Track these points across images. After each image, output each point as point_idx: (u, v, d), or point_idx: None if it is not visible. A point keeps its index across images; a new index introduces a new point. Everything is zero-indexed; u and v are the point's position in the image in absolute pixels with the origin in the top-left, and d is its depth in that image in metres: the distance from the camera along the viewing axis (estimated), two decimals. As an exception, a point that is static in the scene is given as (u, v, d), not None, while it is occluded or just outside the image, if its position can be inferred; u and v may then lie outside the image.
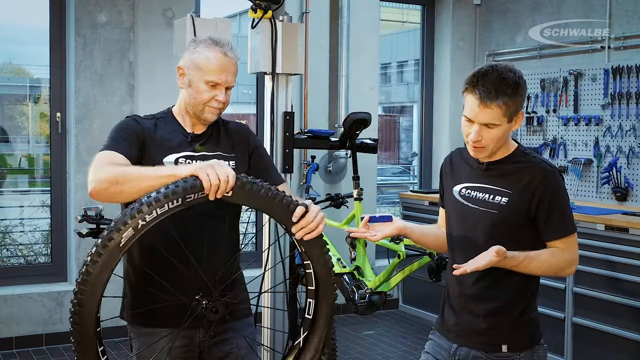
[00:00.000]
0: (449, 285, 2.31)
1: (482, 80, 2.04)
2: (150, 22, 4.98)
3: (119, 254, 1.66)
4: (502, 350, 2.16)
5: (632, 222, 4.07)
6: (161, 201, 1.66)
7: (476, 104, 2.05)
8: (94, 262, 1.65)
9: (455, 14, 6.18)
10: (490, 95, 2.02)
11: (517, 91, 2.06)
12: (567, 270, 2.14)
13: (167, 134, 2.16)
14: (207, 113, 2.16)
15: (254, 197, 1.79)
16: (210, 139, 2.22)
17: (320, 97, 5.56)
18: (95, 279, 1.66)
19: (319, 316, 1.96)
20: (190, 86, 2.16)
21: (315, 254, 1.90)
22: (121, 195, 1.86)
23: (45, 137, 5.31)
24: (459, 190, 2.26)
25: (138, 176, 1.84)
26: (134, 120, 2.16)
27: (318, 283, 1.93)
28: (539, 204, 2.10)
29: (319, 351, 1.97)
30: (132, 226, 1.65)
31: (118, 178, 1.84)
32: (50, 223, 5.10)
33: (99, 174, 1.88)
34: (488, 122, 2.05)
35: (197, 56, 2.14)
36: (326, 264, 1.91)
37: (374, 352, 4.87)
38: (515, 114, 2.09)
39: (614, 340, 4.14)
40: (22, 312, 4.77)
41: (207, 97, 2.14)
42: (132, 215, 1.65)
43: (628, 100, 4.80)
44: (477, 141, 2.09)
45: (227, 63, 2.14)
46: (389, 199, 7.80)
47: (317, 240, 1.88)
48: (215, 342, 2.17)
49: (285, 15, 3.30)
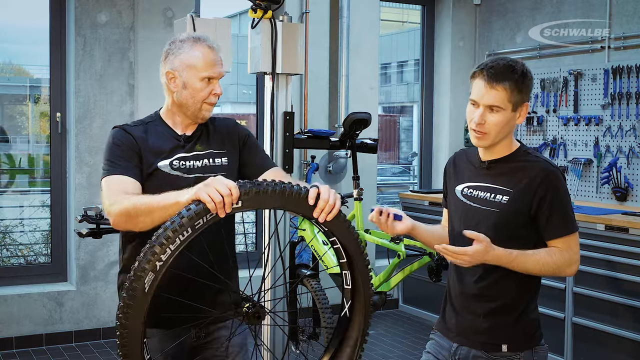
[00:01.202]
0: (449, 285, 2.32)
1: (490, 64, 2.11)
2: (150, 22, 4.98)
3: (147, 300, 1.67)
4: (502, 349, 2.16)
5: (632, 222, 4.07)
6: (171, 237, 1.66)
7: (483, 84, 2.10)
8: (126, 313, 1.67)
9: (455, 14, 6.18)
10: (498, 76, 2.08)
11: (524, 79, 2.11)
12: (567, 270, 2.13)
13: (158, 139, 2.16)
14: (204, 111, 2.17)
15: (263, 199, 1.76)
16: (202, 138, 2.22)
17: (320, 97, 5.56)
18: (131, 330, 1.68)
19: (357, 286, 1.98)
20: (185, 87, 2.15)
21: (339, 228, 1.89)
22: (138, 226, 1.91)
23: (45, 137, 5.31)
24: (461, 189, 2.27)
25: (147, 210, 1.86)
26: (124, 131, 2.14)
27: (349, 254, 1.94)
28: (540, 204, 2.11)
29: (366, 320, 2.00)
30: (150, 270, 1.65)
31: (131, 213, 1.90)
32: (50, 223, 5.10)
33: (114, 208, 1.94)
34: (493, 103, 2.09)
35: (185, 56, 2.14)
36: (352, 235, 1.91)
37: (374, 352, 4.87)
38: (520, 104, 2.12)
39: (614, 340, 4.14)
40: (22, 312, 4.77)
41: (205, 93, 2.15)
42: (148, 260, 1.65)
43: (628, 100, 4.80)
44: (480, 124, 2.11)
45: (215, 55, 2.17)
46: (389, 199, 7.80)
47: (337, 216, 1.86)
48: (207, 342, 2.19)
49: (285, 15, 3.30)
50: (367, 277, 1.97)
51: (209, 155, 2.19)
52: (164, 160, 2.12)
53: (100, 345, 4.88)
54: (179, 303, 1.99)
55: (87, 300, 4.94)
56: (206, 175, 2.09)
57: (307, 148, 5.19)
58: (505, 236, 2.12)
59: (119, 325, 1.67)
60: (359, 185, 4.27)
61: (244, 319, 1.91)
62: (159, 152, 2.13)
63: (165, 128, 2.20)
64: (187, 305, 2.00)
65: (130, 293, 1.65)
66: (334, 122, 5.52)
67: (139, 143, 2.11)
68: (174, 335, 2.13)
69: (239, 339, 2.22)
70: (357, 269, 1.95)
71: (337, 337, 2.02)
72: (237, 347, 2.23)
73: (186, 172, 2.14)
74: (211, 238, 2.01)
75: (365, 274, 1.96)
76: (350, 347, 2.00)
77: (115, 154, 2.09)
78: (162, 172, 2.11)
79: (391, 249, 4.01)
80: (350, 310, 2.00)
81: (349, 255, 1.94)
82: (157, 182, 2.06)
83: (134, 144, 2.11)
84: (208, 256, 2.01)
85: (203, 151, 2.19)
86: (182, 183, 1.95)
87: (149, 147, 2.12)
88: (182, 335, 2.14)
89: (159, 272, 1.65)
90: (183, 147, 2.17)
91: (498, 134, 2.12)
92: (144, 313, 1.67)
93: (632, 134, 4.77)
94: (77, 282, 4.92)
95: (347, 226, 1.90)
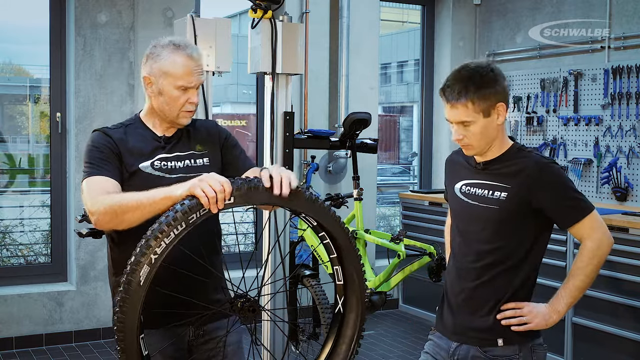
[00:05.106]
0: (447, 285, 2.33)
1: (448, 82, 2.13)
2: (150, 22, 4.98)
3: (143, 292, 1.70)
4: (498, 344, 2.17)
5: (632, 222, 4.07)
6: (166, 231, 1.68)
7: (445, 104, 2.15)
8: (122, 307, 1.69)
9: (455, 14, 6.18)
10: (453, 95, 2.11)
11: (484, 85, 2.10)
12: (604, 250, 2.14)
13: (138, 141, 2.16)
14: (181, 118, 2.16)
15: (254, 195, 1.78)
16: (182, 139, 2.22)
17: (320, 97, 5.56)
18: (129, 323, 1.70)
19: (349, 281, 1.98)
20: (161, 94, 2.14)
21: (329, 222, 1.89)
22: (123, 224, 1.90)
23: (45, 137, 5.31)
24: (459, 187, 2.30)
25: (135, 205, 1.85)
26: (104, 134, 2.15)
27: (339, 249, 1.94)
28: (542, 200, 2.12)
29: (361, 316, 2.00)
30: (146, 262, 1.68)
31: (116, 210, 1.88)
32: (50, 223, 5.11)
33: (97, 207, 1.92)
34: (460, 120, 2.12)
35: (162, 63, 2.12)
36: (342, 229, 1.92)
37: (374, 352, 4.87)
38: (491, 108, 2.12)
39: (614, 340, 4.14)
40: (22, 312, 4.77)
41: (181, 101, 2.13)
42: (143, 253, 1.68)
43: (628, 100, 4.80)
44: (459, 140, 2.16)
45: (194, 65, 2.13)
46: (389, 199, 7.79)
47: (325, 210, 1.87)
48: (204, 341, 2.20)
49: (285, 15, 3.30)
50: (359, 271, 1.97)
51: (190, 156, 2.20)
52: (145, 161, 2.13)
53: (100, 345, 4.88)
54: (173, 300, 2.00)
55: (87, 300, 4.94)
56: (188, 175, 2.10)
57: (307, 148, 5.19)
58: (506, 232, 2.15)
59: (116, 319, 1.70)
60: (359, 185, 4.27)
61: (238, 314, 1.92)
62: (139, 154, 2.13)
63: (145, 130, 2.20)
64: (181, 302, 2.01)
65: (127, 287, 1.68)
66: (334, 122, 5.52)
67: (119, 145, 2.12)
68: (172, 334, 2.14)
69: (236, 338, 2.23)
70: (348, 263, 1.96)
71: (332, 335, 2.03)
72: (234, 346, 2.23)
73: (167, 172, 2.14)
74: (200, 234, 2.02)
75: (357, 268, 1.97)
76: (345, 344, 2.01)
77: (94, 157, 2.09)
78: (144, 173, 2.12)
79: (391, 249, 4.01)
80: (344, 306, 2.01)
81: (339, 250, 1.95)
82: (138, 183, 2.06)
83: (114, 146, 2.11)
84: (201, 252, 2.03)
85: (181, 152, 2.19)
86: (164, 183, 1.94)
87: (129, 149, 2.13)
88: (179, 334, 2.15)
89: (154, 264, 1.68)
90: (163, 148, 2.18)
91: (480, 141, 2.15)
92: (140, 306, 1.69)
93: (632, 134, 4.77)
94: (77, 282, 4.92)
95: (335, 219, 1.90)
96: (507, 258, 2.17)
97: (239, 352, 2.25)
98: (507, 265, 2.17)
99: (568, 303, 2.15)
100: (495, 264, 2.17)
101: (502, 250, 2.17)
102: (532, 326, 2.14)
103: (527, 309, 2.15)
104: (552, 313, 2.14)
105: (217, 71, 3.32)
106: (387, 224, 7.70)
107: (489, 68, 2.13)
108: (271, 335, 3.37)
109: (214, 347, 2.20)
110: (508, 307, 2.16)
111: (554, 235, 2.28)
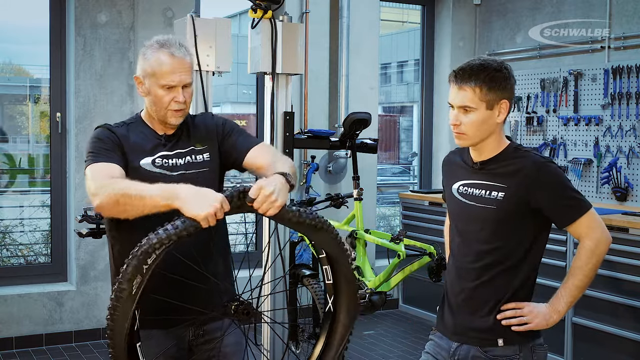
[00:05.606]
0: (446, 284, 2.33)
1: (461, 66, 2.15)
2: (150, 22, 4.98)
3: (134, 301, 1.73)
4: (499, 344, 2.17)
5: (632, 222, 4.07)
6: (158, 246, 1.73)
7: (453, 86, 2.15)
8: (113, 315, 1.73)
9: (455, 14, 6.18)
10: (465, 77, 2.12)
11: (495, 79, 2.11)
12: (602, 248, 2.14)
13: (140, 138, 2.17)
14: (170, 117, 2.15)
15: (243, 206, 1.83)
16: (182, 137, 2.23)
17: (320, 97, 5.56)
18: (118, 330, 1.74)
19: (339, 281, 2.00)
20: (149, 94, 2.15)
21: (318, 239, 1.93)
22: (124, 214, 1.90)
23: (45, 137, 5.31)
24: (457, 187, 2.29)
25: (138, 203, 1.85)
26: (107, 130, 2.16)
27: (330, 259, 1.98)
28: (540, 199, 2.12)
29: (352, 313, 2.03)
30: (138, 272, 1.72)
31: (119, 200, 1.87)
32: (50, 223, 5.11)
33: (103, 190, 1.91)
34: (463, 104, 2.12)
35: (147, 63, 2.12)
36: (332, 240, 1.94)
37: (374, 352, 4.87)
38: (495, 102, 2.12)
39: (614, 340, 4.14)
40: (22, 312, 4.77)
41: (166, 100, 2.12)
42: (135, 265, 1.72)
43: (628, 100, 4.80)
44: (456, 125, 2.15)
45: (177, 63, 2.11)
46: (389, 199, 7.79)
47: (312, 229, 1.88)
48: (204, 341, 2.21)
49: (285, 15, 3.30)
50: (349, 271, 1.99)
51: (190, 152, 2.20)
52: (147, 158, 2.13)
53: (100, 345, 4.88)
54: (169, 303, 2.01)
55: (87, 300, 4.94)
56: (189, 172, 2.13)
57: (307, 148, 5.19)
58: (504, 232, 2.15)
59: (108, 328, 1.75)
60: (359, 185, 4.27)
61: (233, 317, 1.92)
62: (140, 151, 2.14)
63: (146, 128, 2.21)
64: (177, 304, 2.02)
65: (119, 295, 1.71)
66: (334, 122, 5.52)
67: (122, 141, 2.13)
68: (174, 336, 2.15)
69: (235, 339, 2.23)
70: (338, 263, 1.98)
71: (323, 332, 2.05)
72: (233, 347, 2.23)
73: (169, 169, 2.15)
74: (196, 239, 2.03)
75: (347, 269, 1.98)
76: (337, 341, 2.04)
77: (98, 147, 2.10)
78: (145, 170, 2.12)
79: (391, 249, 4.01)
80: (335, 304, 2.03)
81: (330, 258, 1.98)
82: (139, 180, 2.06)
83: (117, 141, 2.12)
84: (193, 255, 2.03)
85: (182, 149, 2.20)
86: (166, 181, 1.94)
87: (131, 145, 2.14)
88: (178, 335, 2.16)
89: (145, 274, 1.72)
90: (164, 145, 2.18)
91: (475, 133, 2.14)
92: (131, 314, 1.73)
93: (632, 134, 4.77)
94: (77, 282, 4.92)
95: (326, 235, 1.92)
96: (506, 258, 2.17)
97: (238, 352, 2.25)
98: (507, 266, 2.17)
99: (568, 302, 2.15)
100: (495, 264, 2.17)
101: (501, 251, 2.17)
102: (532, 326, 2.14)
103: (527, 309, 2.15)
104: (553, 313, 2.14)
105: (217, 71, 3.32)
106: (387, 224, 7.70)
107: (504, 65, 2.16)
108: (271, 335, 3.37)
109: (214, 347, 2.21)
110: (508, 307, 2.16)
111: (553, 235, 2.28)
